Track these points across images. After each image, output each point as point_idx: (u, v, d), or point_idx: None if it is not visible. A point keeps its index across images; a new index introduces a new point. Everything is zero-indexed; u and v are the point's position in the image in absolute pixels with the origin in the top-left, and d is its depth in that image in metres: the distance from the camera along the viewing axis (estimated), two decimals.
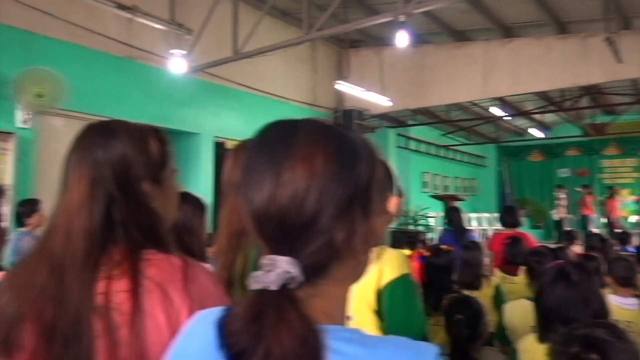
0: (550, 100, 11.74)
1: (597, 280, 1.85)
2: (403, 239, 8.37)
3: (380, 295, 1.42)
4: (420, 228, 11.22)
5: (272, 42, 6.95)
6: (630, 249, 5.30)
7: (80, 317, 0.79)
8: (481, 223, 14.05)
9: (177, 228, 1.74)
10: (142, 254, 0.85)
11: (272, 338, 0.53)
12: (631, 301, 2.70)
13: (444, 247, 2.85)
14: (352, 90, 8.01)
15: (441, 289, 2.65)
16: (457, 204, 8.17)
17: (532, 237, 4.65)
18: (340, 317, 0.64)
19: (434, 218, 12.31)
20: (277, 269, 0.57)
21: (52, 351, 0.78)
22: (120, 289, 0.80)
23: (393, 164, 11.49)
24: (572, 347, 1.34)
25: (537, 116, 13.20)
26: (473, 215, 14.30)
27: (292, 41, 6.32)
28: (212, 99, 7.69)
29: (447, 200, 9.27)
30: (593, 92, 11.58)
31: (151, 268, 0.83)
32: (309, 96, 9.50)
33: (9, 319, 0.82)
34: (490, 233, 12.29)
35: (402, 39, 5.53)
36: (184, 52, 6.42)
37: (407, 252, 6.47)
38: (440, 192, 14.39)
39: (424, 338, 1.43)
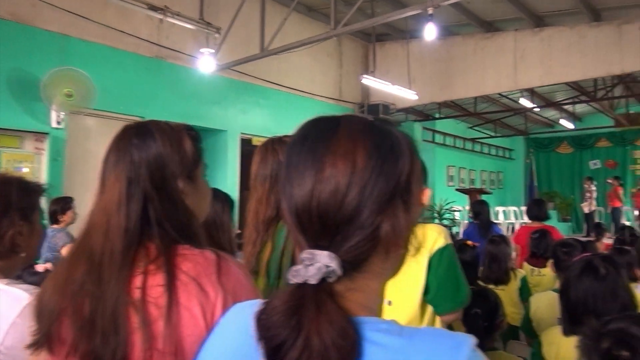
0: (582, 90, 11.45)
1: (625, 274, 1.83)
2: None
3: (430, 262, 1.46)
4: (445, 222, 11.14)
5: (298, 38, 6.99)
6: None
7: (118, 311, 0.81)
8: (508, 216, 13.85)
9: (206, 224, 1.82)
10: (177, 250, 0.88)
11: (311, 330, 0.54)
12: None
13: (469, 242, 2.84)
14: (378, 85, 7.99)
15: None
16: (483, 197, 8.10)
17: (558, 230, 4.58)
18: (377, 309, 0.65)
19: (459, 212, 12.19)
20: (316, 263, 0.58)
21: (91, 344, 0.80)
22: (156, 283, 0.83)
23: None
24: (604, 343, 1.32)
25: (567, 107, 12.89)
26: (499, 208, 14.11)
27: (319, 37, 6.35)
28: (239, 96, 7.80)
29: (472, 194, 9.18)
30: (627, 81, 11.25)
31: (186, 262, 0.86)
32: (335, 91, 9.52)
33: (50, 313, 0.85)
34: (516, 226, 12.12)
35: (430, 31, 5.48)
36: (212, 50, 6.52)
37: None
38: (465, 185, 14.25)
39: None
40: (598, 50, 7.63)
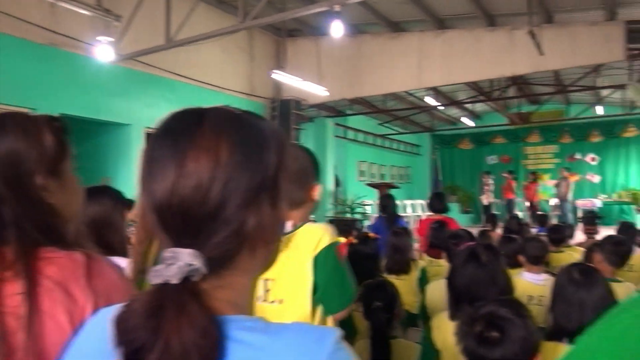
0: (480, 91, 12.28)
1: (503, 261, 1.99)
2: (338, 227, 8.55)
3: (315, 261, 1.47)
4: (356, 216, 11.47)
5: (207, 30, 6.80)
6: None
7: None
8: (415, 209, 14.54)
9: (95, 223, 1.72)
10: (39, 253, 0.81)
11: (171, 332, 0.52)
12: (542, 277, 2.94)
13: (370, 235, 2.93)
14: (289, 80, 8.02)
15: (365, 276, 2.74)
16: (390, 191, 8.42)
17: (457, 222, 4.87)
18: (246, 306, 0.64)
19: (370, 206, 12.60)
20: (178, 262, 0.56)
21: None
22: (14, 291, 0.77)
23: (330, 153, 11.66)
24: (476, 326, 1.43)
25: (468, 105, 13.78)
26: (408, 202, 14.78)
27: (228, 29, 6.23)
28: (144, 89, 7.45)
29: (382, 188, 9.52)
30: (519, 83, 12.24)
31: (50, 266, 0.80)
32: (246, 86, 9.41)
33: None
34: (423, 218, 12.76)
35: (337, 28, 5.59)
36: (112, 39, 6.16)
37: (341, 239, 6.65)
38: (376, 180, 14.75)
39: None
40: (492, 53, 8.22)
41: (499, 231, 6.07)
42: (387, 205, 5.83)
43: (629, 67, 9.51)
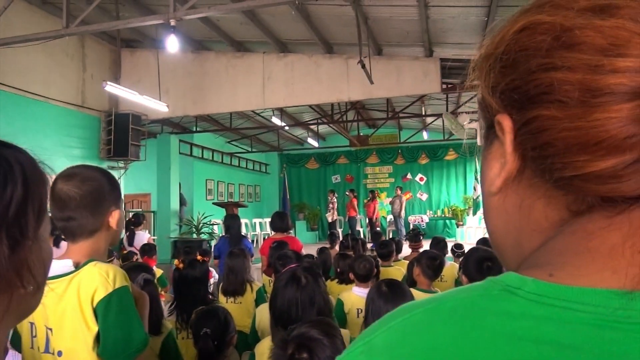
0: (323, 113, 12.90)
1: (322, 282, 2.03)
2: (182, 248, 8.19)
3: (95, 312, 1.31)
4: (203, 236, 11.14)
5: (26, 31, 6.05)
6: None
7: None
8: (264, 228, 14.65)
9: None
10: None
11: None
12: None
13: (199, 257, 2.81)
14: (124, 93, 7.49)
15: (195, 302, 2.62)
16: (237, 211, 8.34)
17: (298, 241, 4.97)
18: None
19: (217, 225, 12.35)
20: None
21: None
22: None
23: (175, 170, 11.18)
24: (289, 349, 1.42)
25: (313, 127, 14.38)
26: (257, 220, 14.82)
27: (48, 33, 5.60)
28: None
29: (229, 207, 9.38)
30: (358, 107, 13.14)
31: None
32: (77, 97, 8.56)
33: None
34: None
35: (172, 43, 5.38)
36: None
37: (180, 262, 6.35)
38: (225, 199, 14.55)
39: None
40: (330, 79, 8.69)
41: (337, 248, 6.36)
42: (230, 225, 5.75)
43: (445, 99, 10.82)
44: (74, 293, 1.30)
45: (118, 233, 1.51)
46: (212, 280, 5.37)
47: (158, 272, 4.94)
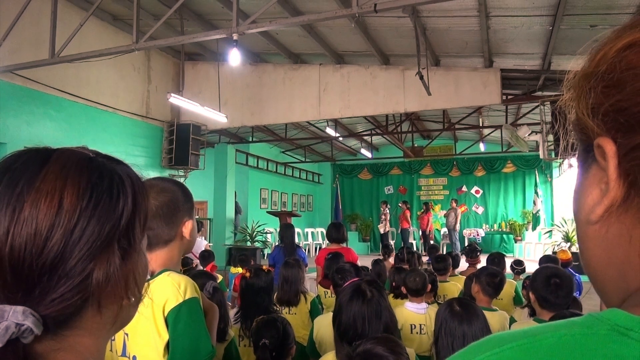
0: (377, 124, 12.85)
1: (386, 295, 2.01)
2: (237, 256, 8.34)
3: (167, 320, 1.35)
4: (257, 244, 11.31)
5: (100, 47, 6.42)
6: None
7: None
8: (316, 238, 14.70)
9: None
10: None
11: None
12: (422, 306, 3.05)
13: (264, 267, 2.86)
14: (186, 105, 7.79)
15: (259, 310, 2.66)
16: (290, 220, 8.43)
17: (354, 252, 4.95)
18: None
19: (271, 234, 12.51)
20: (4, 322, 0.48)
21: None
22: None
23: (231, 179, 11.45)
24: None
25: (366, 137, 14.35)
26: (309, 230, 14.91)
27: (119, 48, 5.91)
28: (23, 105, 6.81)
29: (283, 217, 9.50)
30: (413, 118, 13.00)
31: None
32: (142, 108, 8.99)
33: None
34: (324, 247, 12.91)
35: (235, 57, 5.54)
36: None
37: (239, 269, 6.47)
38: (278, 208, 14.75)
39: None
40: (387, 90, 8.65)
41: (391, 260, 6.28)
42: (285, 235, 5.81)
43: (504, 110, 10.51)
44: (147, 301, 1.35)
45: (191, 243, 1.56)
46: None
47: (218, 277, 5.06)
